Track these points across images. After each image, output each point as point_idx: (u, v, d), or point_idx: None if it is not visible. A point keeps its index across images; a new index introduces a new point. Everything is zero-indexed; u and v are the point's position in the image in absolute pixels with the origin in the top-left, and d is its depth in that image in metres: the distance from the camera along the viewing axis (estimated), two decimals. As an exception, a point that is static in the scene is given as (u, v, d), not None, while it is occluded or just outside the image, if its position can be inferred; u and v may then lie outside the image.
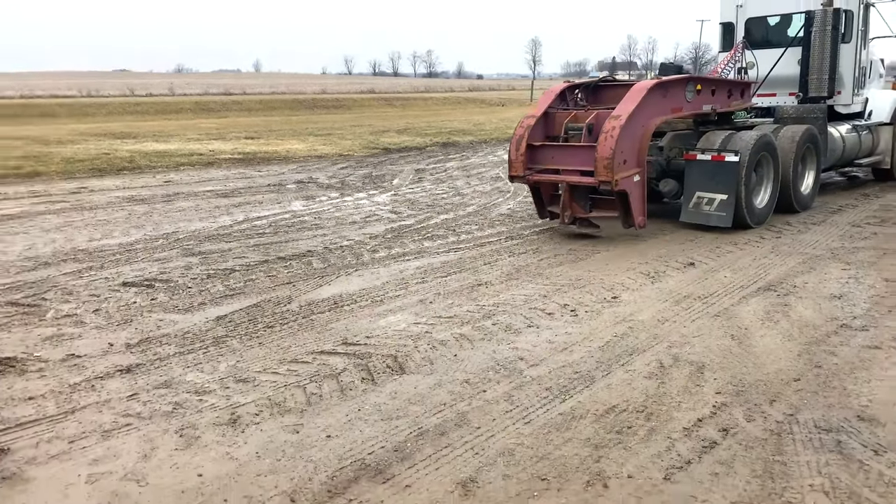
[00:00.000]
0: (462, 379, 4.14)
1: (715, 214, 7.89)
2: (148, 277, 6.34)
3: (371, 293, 5.86)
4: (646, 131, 7.42)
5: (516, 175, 7.92)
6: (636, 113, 7.20)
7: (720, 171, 7.84)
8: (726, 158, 7.79)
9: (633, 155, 7.26)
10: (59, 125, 28.50)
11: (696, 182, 8.03)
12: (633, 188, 7.31)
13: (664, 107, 7.73)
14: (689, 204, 8.08)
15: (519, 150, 7.82)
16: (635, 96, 7.31)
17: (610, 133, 6.99)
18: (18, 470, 3.15)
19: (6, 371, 4.26)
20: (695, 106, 8.21)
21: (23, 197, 10.88)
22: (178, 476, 3.11)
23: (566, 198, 7.69)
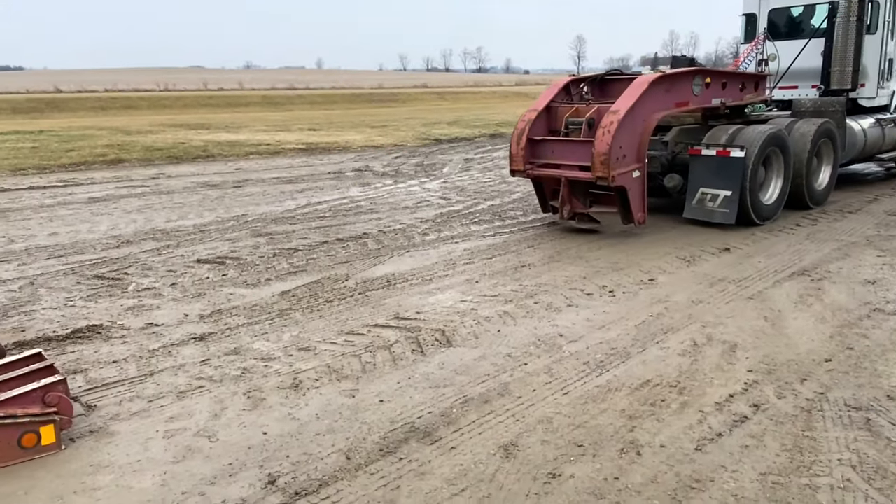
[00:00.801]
0: (505, 352, 4.15)
1: (719, 211, 7.27)
2: (220, 255, 6.52)
3: (421, 272, 5.90)
4: (647, 126, 6.87)
5: (517, 169, 7.42)
6: (636, 107, 6.67)
7: (725, 166, 7.23)
8: (732, 154, 7.19)
9: (633, 150, 6.74)
10: (140, 117, 29.37)
11: (700, 177, 7.41)
12: (633, 184, 6.79)
13: (668, 101, 7.17)
14: (692, 200, 7.46)
15: (520, 145, 7.32)
16: (635, 90, 6.78)
17: (607, 128, 6.48)
18: (104, 424, 3.30)
19: (94, 337, 4.45)
20: (703, 100, 7.61)
21: (108, 181, 11.27)
22: (245, 433, 3.22)
23: (565, 193, 7.20)
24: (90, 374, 3.87)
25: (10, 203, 9.26)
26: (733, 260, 6.23)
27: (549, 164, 7.29)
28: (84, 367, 3.95)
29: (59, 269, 6.02)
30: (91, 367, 3.95)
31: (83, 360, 4.05)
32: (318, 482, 2.81)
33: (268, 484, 2.79)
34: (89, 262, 6.26)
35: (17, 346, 4.22)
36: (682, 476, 2.84)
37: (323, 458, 2.99)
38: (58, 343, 4.32)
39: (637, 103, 6.67)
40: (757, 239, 6.99)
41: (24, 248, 6.82)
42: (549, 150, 7.31)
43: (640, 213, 6.96)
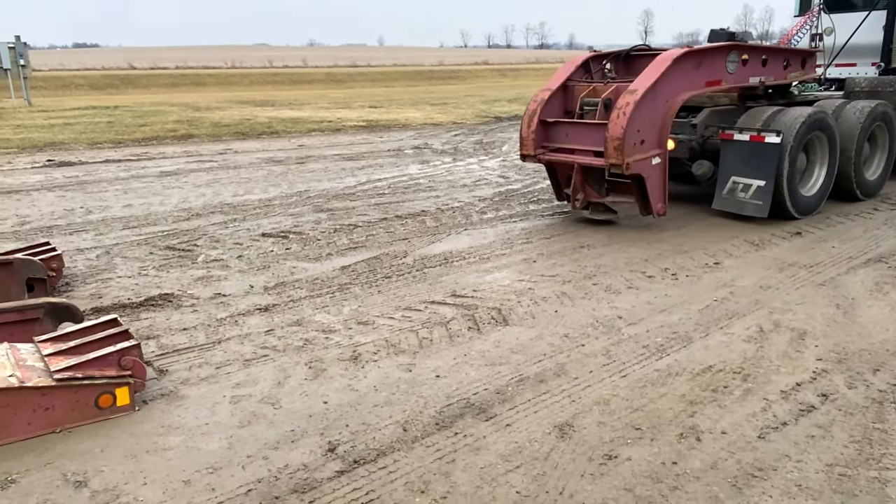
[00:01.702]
0: (562, 333, 4.12)
1: (750, 203, 6.53)
2: (283, 230, 6.68)
3: (478, 251, 5.90)
4: (670, 108, 6.17)
5: (527, 154, 6.76)
6: (657, 87, 5.99)
7: (759, 153, 6.44)
8: (766, 139, 6.39)
9: (653, 135, 6.07)
10: (208, 93, 30.20)
11: (731, 165, 6.64)
12: (652, 172, 6.13)
13: (696, 79, 6.43)
14: (722, 190, 6.71)
15: (530, 127, 6.66)
16: (657, 68, 6.08)
17: (623, 110, 5.84)
18: (175, 388, 3.46)
19: (165, 305, 4.65)
20: (739, 78, 6.82)
21: (178, 156, 11.67)
22: (307, 402, 3.31)
23: (578, 180, 6.55)
24: (162, 340, 4.05)
25: (88, 176, 9.71)
26: (805, 244, 5.98)
27: (564, 148, 6.65)
28: (156, 333, 4.14)
29: (133, 240, 6.30)
30: (163, 334, 4.13)
31: (155, 327, 4.24)
32: (375, 452, 2.87)
33: (328, 451, 2.88)
34: (161, 234, 6.52)
35: (94, 311, 4.45)
36: (743, 464, 2.77)
37: (380, 429, 3.05)
38: (132, 310, 4.53)
39: (659, 82, 6.01)
40: (831, 223, 6.69)
41: (101, 218, 7.15)
42: (563, 133, 6.66)
43: (659, 203, 6.31)
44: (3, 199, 8.06)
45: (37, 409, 2.94)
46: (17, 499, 2.56)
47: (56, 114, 18.74)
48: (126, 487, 2.63)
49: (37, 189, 8.71)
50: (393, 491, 2.61)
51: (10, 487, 2.62)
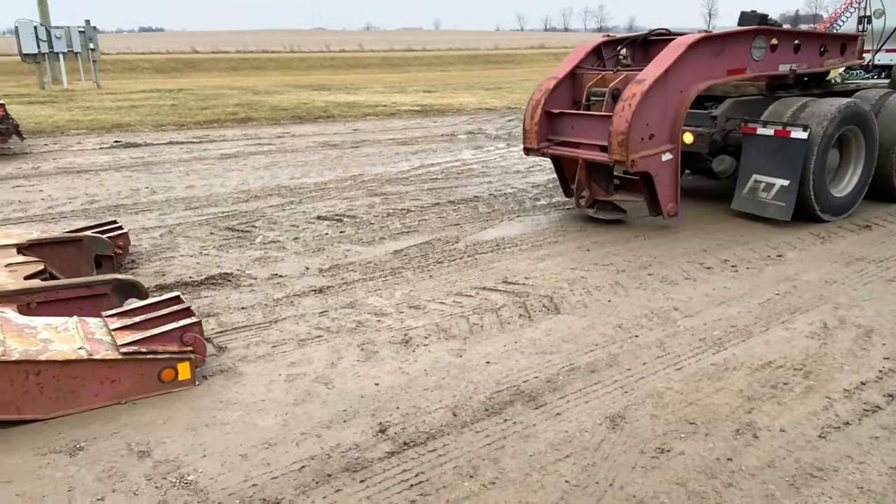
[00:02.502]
0: (615, 323, 4.06)
1: (772, 204, 5.95)
2: (338, 213, 6.77)
3: (531, 238, 5.86)
4: (684, 99, 5.64)
5: (530, 147, 6.29)
6: (669, 76, 5.48)
7: (784, 149, 5.86)
8: (792, 134, 5.80)
9: (664, 128, 5.57)
10: (267, 77, 30.77)
11: (753, 162, 6.07)
12: (661, 169, 5.62)
13: (716, 67, 5.87)
14: (743, 189, 6.16)
15: (533, 119, 6.18)
16: (669, 55, 5.55)
17: (628, 101, 5.35)
18: (233, 365, 3.56)
19: (225, 284, 4.78)
20: (766, 66, 6.21)
21: (238, 139, 11.95)
22: (359, 383, 3.37)
23: (582, 177, 6.09)
24: (221, 318, 4.17)
25: (153, 157, 10.05)
26: (874, 238, 5.72)
27: (569, 142, 6.15)
28: (216, 311, 4.27)
29: (194, 220, 6.50)
30: (222, 312, 4.26)
31: (215, 305, 4.37)
32: (425, 435, 2.90)
33: (379, 432, 2.92)
34: (221, 215, 6.70)
35: (157, 288, 4.61)
36: (802, 463, 2.69)
37: (430, 413, 3.08)
38: (193, 288, 4.68)
39: (671, 70, 5.49)
40: (904, 217, 6.37)
41: (165, 198, 7.40)
42: (569, 125, 6.14)
43: (670, 203, 5.79)
44: (73, 179, 8.43)
45: (104, 380, 3.08)
46: (84, 465, 2.69)
47: (123, 96, 19.43)
48: (186, 459, 2.74)
49: (105, 169, 9.07)
50: (442, 474, 2.64)
51: (79, 454, 2.76)
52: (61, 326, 3.24)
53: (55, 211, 6.84)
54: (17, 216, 6.61)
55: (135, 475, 2.63)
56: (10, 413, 2.90)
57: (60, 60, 21.28)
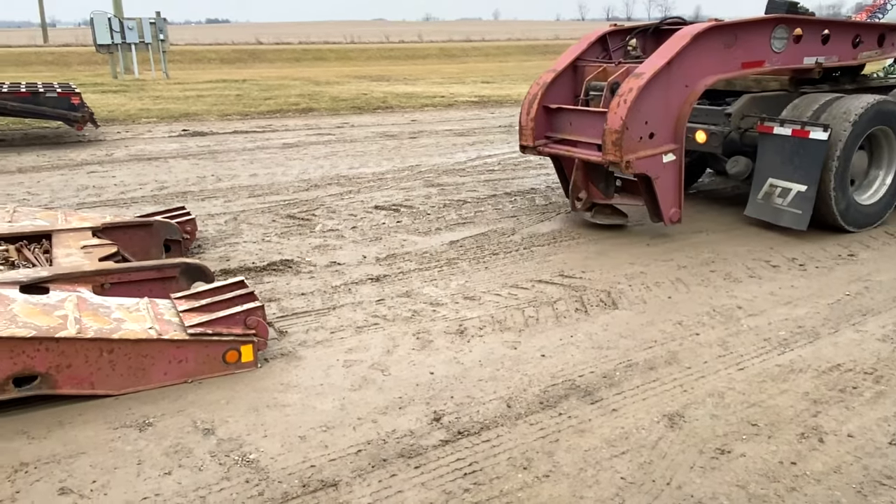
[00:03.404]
0: (675, 320, 3.98)
1: (788, 211, 5.42)
2: (395, 203, 6.84)
3: (588, 231, 5.79)
4: (689, 94, 5.18)
5: (525, 145, 5.83)
6: (673, 69, 5.03)
7: (802, 151, 5.32)
8: (811, 135, 5.25)
9: (666, 127, 5.12)
10: (328, 68, 31.23)
11: (769, 164, 5.53)
12: (662, 171, 5.15)
13: (729, 60, 5.37)
14: (758, 193, 5.63)
15: (529, 115, 5.73)
16: (672, 47, 5.08)
17: (624, 97, 4.92)
18: (293, 349, 3.66)
19: (286, 270, 4.90)
20: (788, 58, 5.70)
21: (300, 129, 12.18)
22: (414, 371, 3.41)
23: (579, 177, 5.70)
24: (282, 303, 4.28)
25: (218, 146, 10.35)
26: (957, 239, 5.42)
27: (568, 140, 5.68)
28: (277, 296, 4.38)
29: (257, 207, 6.67)
30: (283, 297, 4.37)
31: (276, 291, 4.49)
32: (479, 425, 2.92)
33: (433, 420, 2.95)
34: (283, 203, 6.86)
35: (222, 273, 4.76)
36: (870, 470, 2.59)
37: (484, 403, 3.09)
38: (256, 273, 4.82)
39: (675, 63, 5.04)
40: None
41: (230, 186, 7.62)
42: (567, 121, 5.66)
43: (672, 208, 5.32)
44: (144, 166, 8.77)
45: (172, 360, 3.21)
46: (153, 440, 2.82)
47: (190, 86, 20.05)
48: (248, 438, 2.83)
49: (173, 157, 9.40)
50: (496, 465, 2.65)
51: (148, 430, 2.89)
52: (133, 307, 3.39)
53: (127, 196, 7.13)
54: (92, 201, 6.92)
55: (200, 452, 2.74)
56: (85, 388, 3.06)
57: (132, 51, 22.12)
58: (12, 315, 3.03)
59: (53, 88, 10.52)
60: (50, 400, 3.02)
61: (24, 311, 3.08)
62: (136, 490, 2.50)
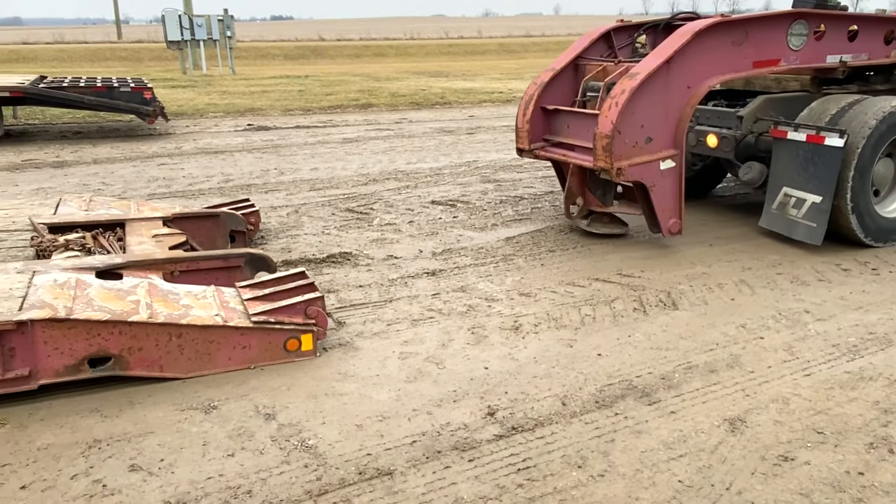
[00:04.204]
0: (738, 323, 3.87)
1: (802, 223, 4.99)
2: (451, 198, 6.87)
3: (648, 230, 5.67)
4: (691, 96, 4.81)
5: (521, 148, 5.54)
6: (672, 69, 4.69)
7: (817, 158, 4.87)
8: (826, 141, 4.80)
9: (664, 131, 4.77)
10: (387, 64, 31.53)
11: (784, 172, 5.09)
12: (660, 179, 4.80)
13: (737, 59, 4.97)
14: (772, 203, 5.20)
15: (525, 116, 5.46)
16: (672, 45, 4.73)
17: (616, 99, 4.60)
18: (351, 340, 3.73)
19: (344, 263, 5.00)
20: (808, 56, 5.26)
21: (359, 124, 12.36)
22: (469, 366, 3.43)
23: (574, 183, 5.39)
24: (341, 294, 4.37)
25: (281, 140, 10.61)
26: None
27: (565, 143, 5.39)
28: (336, 288, 4.47)
29: (318, 201, 6.81)
30: (341, 289, 4.46)
31: (335, 282, 4.58)
32: (533, 421, 2.91)
33: (487, 415, 2.96)
34: (342, 196, 6.98)
35: (283, 263, 4.89)
36: (947, 487, 2.46)
37: (539, 400, 3.08)
38: (315, 265, 4.93)
39: (674, 63, 4.69)
40: None
41: (291, 179, 7.80)
42: (565, 124, 5.39)
43: (672, 219, 4.94)
44: (211, 159, 9.07)
45: (236, 346, 3.32)
46: (217, 422, 2.92)
47: (255, 82, 20.59)
48: (307, 424, 2.90)
49: (238, 150, 9.68)
50: (550, 462, 2.64)
51: (213, 412, 3.00)
52: (200, 294, 3.52)
53: (194, 188, 7.39)
54: (162, 192, 7.21)
55: (261, 435, 2.83)
56: (154, 371, 3.20)
57: (201, 47, 22.85)
58: (89, 299, 3.19)
59: (127, 83, 10.98)
60: (122, 381, 3.17)
61: (100, 296, 3.24)
62: (201, 470, 2.60)
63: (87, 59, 31.22)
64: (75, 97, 10.28)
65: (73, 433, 2.83)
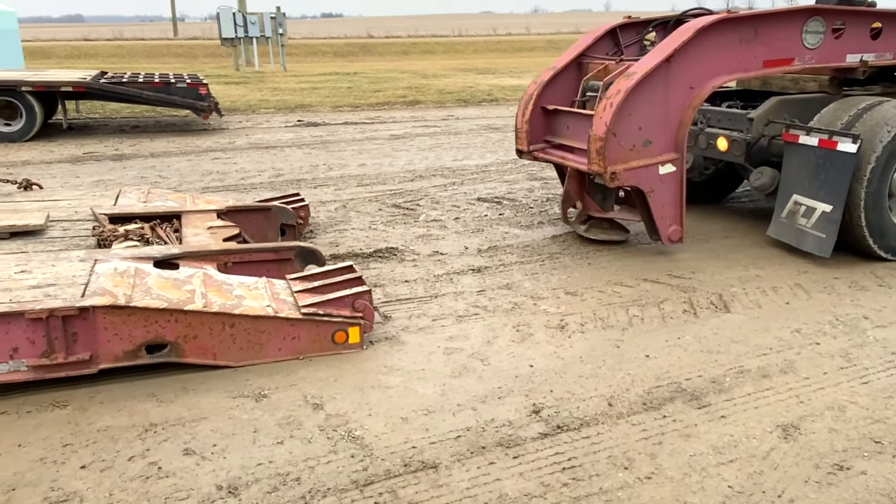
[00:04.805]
0: (793, 327, 3.77)
1: (811, 234, 4.68)
2: (497, 195, 6.86)
3: (701, 231, 5.57)
4: (694, 97, 4.56)
5: (520, 150, 5.32)
6: (673, 68, 4.46)
7: (828, 165, 4.58)
8: (839, 146, 4.51)
9: (664, 134, 4.54)
10: (435, 61, 31.61)
11: (794, 179, 4.80)
12: (659, 184, 4.58)
13: (746, 57, 4.70)
14: (781, 211, 4.90)
15: (524, 116, 5.25)
16: (671, 43, 4.49)
17: (611, 100, 4.38)
18: (396, 334, 3.77)
19: (390, 258, 5.04)
20: (825, 55, 4.95)
21: (406, 121, 12.44)
22: (514, 363, 3.43)
23: (572, 187, 5.21)
24: (387, 289, 4.41)
25: (330, 136, 10.76)
26: None
27: (564, 145, 5.15)
28: (382, 282, 4.52)
29: (365, 196, 6.89)
30: (387, 284, 4.50)
31: (382, 277, 4.63)
32: (579, 421, 2.90)
33: (532, 412, 2.96)
34: (389, 192, 7.05)
35: (331, 257, 4.96)
36: None
37: (585, 400, 3.06)
38: (362, 259, 4.99)
39: (675, 62, 4.45)
40: None
41: (340, 175, 7.91)
42: (564, 125, 5.16)
43: (672, 226, 4.71)
44: (262, 154, 9.26)
45: (286, 337, 3.40)
46: (267, 411, 3.00)
47: (305, 78, 20.91)
48: (354, 415, 2.95)
49: (289, 146, 9.86)
50: (595, 462, 2.62)
51: (263, 401, 3.08)
52: (252, 285, 3.61)
53: (246, 182, 7.57)
54: (216, 185, 7.39)
55: (309, 425, 2.89)
56: (208, 358, 3.29)
57: (254, 44, 23.33)
58: (147, 287, 3.31)
59: (183, 79, 11.29)
60: (176, 367, 3.27)
61: (158, 284, 3.36)
62: (252, 456, 2.67)
63: (144, 56, 32.22)
64: (134, 92, 10.63)
65: (131, 416, 2.94)
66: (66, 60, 28.39)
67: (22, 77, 10.51)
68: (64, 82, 10.28)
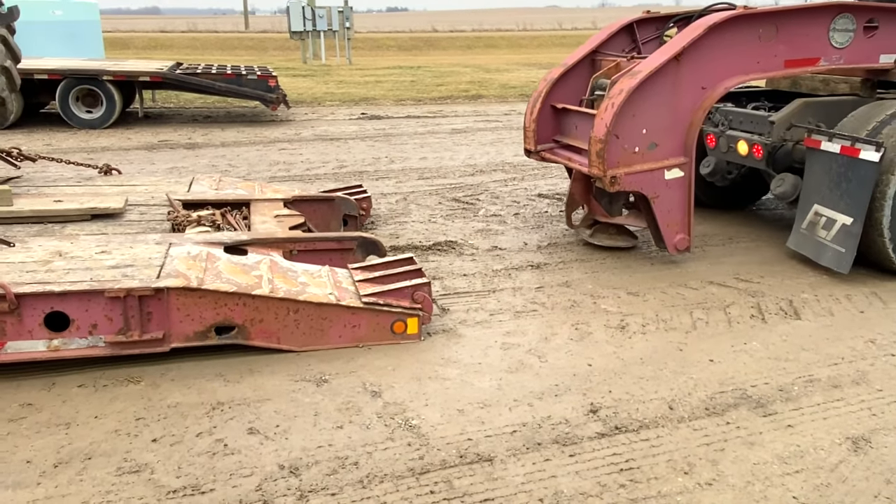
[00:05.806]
0: (867, 337, 3.61)
1: (831, 247, 4.38)
2: (558, 192, 6.80)
3: (770, 233, 5.39)
4: (705, 98, 4.31)
5: (528, 149, 5.14)
6: (681, 67, 4.21)
7: (851, 174, 4.25)
8: (861, 154, 4.17)
9: (672, 137, 4.30)
10: (498, 55, 31.47)
11: (816, 188, 4.49)
12: (664, 189, 4.35)
13: (766, 56, 4.41)
14: (802, 222, 4.60)
15: (532, 115, 5.03)
16: (681, 40, 4.25)
17: (613, 100, 4.15)
18: (454, 327, 3.79)
19: (449, 251, 5.07)
20: (855, 55, 4.62)
21: (468, 115, 12.45)
22: (571, 361, 3.40)
23: (576, 190, 5.03)
24: (445, 282, 4.45)
25: (392, 129, 10.87)
26: None
27: (573, 146, 4.93)
28: (441, 275, 4.56)
29: (425, 189, 6.95)
30: (446, 277, 4.53)
31: (440, 270, 4.66)
32: (638, 423, 2.86)
33: (590, 412, 2.94)
34: (449, 186, 7.08)
35: (392, 249, 5.03)
36: None
37: (644, 402, 3.02)
38: (422, 251, 5.03)
39: (684, 60, 4.22)
40: None
41: (401, 168, 7.99)
42: (573, 124, 4.95)
43: (679, 234, 4.49)
44: (327, 146, 9.44)
45: (347, 324, 3.47)
46: (328, 395, 3.07)
47: (370, 72, 21.17)
48: (411, 405, 2.99)
49: (352, 138, 10.02)
50: (654, 465, 2.59)
51: (324, 385, 3.15)
52: (316, 273, 3.70)
53: (311, 173, 7.73)
54: (282, 175, 7.59)
55: (368, 411, 2.94)
56: (272, 342, 3.40)
57: (321, 38, 23.76)
58: (217, 271, 3.43)
59: (254, 71, 11.61)
60: (243, 349, 3.39)
61: (228, 269, 3.48)
62: (312, 438, 2.75)
63: (217, 48, 33.24)
64: (207, 83, 11.00)
65: (199, 394, 3.06)
66: (144, 51, 29.58)
67: (103, 66, 11.02)
68: (142, 72, 10.72)
